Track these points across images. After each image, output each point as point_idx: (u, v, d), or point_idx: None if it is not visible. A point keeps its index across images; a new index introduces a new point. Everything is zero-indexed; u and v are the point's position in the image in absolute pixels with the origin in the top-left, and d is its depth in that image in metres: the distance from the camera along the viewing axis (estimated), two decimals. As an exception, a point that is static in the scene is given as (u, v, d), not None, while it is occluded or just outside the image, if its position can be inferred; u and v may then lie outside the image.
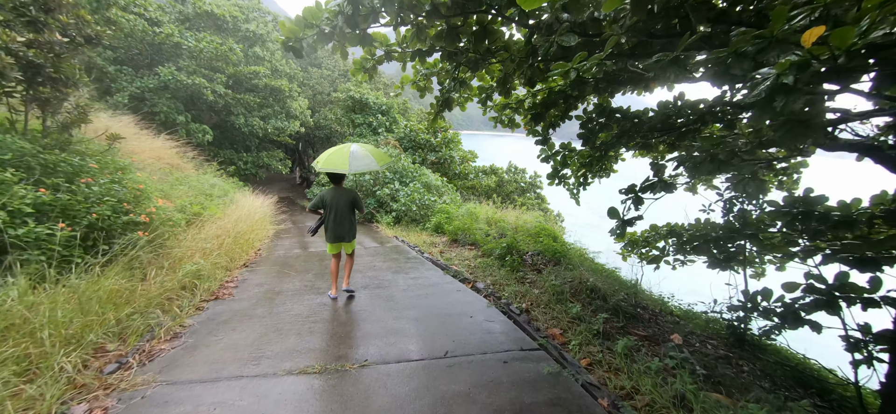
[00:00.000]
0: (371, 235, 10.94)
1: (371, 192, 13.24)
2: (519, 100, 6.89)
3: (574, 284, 6.44)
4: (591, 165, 6.51)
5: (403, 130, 19.37)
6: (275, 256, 7.96)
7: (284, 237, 10.40)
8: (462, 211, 11.74)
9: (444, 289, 5.90)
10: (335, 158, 4.93)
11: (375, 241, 9.96)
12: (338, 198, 5.10)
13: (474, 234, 9.57)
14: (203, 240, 6.49)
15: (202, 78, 17.57)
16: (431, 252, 8.65)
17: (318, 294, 5.43)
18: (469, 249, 9.01)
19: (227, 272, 6.23)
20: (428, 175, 13.71)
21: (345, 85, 22.07)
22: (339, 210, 5.09)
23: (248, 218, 9.59)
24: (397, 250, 8.74)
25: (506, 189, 21.35)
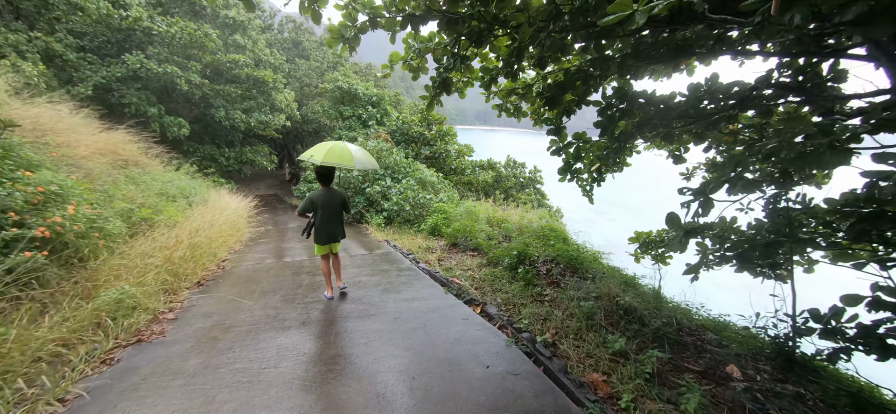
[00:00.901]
0: (359, 238, 9.57)
1: (360, 190, 11.86)
2: (526, 84, 6.05)
3: (603, 303, 5.17)
4: (607, 159, 5.63)
5: (395, 123, 17.96)
6: (241, 269, 6.57)
7: (260, 243, 9.00)
8: (460, 210, 10.43)
9: (447, 315, 4.59)
10: (337, 152, 4.73)
11: (364, 246, 8.60)
12: (328, 199, 4.87)
13: (476, 237, 8.26)
14: (143, 254, 5.10)
15: (175, 66, 15.97)
16: (428, 261, 7.32)
17: (282, 330, 4.07)
18: (471, 255, 7.70)
19: (171, 297, 4.84)
20: (422, 171, 12.36)
21: (332, 74, 20.56)
22: (330, 211, 4.88)
23: (218, 222, 8.19)
24: (388, 259, 7.40)
25: (504, 184, 20.07)
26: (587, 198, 5.91)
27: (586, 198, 5.94)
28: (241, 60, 18.58)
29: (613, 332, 4.33)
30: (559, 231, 9.95)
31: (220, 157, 20.45)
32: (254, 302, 4.90)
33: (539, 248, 7.67)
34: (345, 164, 4.72)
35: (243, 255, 7.66)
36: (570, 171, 5.92)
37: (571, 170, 5.89)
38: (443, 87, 5.50)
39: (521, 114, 6.44)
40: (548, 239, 8.93)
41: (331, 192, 4.91)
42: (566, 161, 5.79)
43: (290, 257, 7.54)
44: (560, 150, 5.79)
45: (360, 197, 11.75)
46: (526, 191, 20.35)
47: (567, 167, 5.85)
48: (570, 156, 5.74)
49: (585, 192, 5.96)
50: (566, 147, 5.76)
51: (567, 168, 5.87)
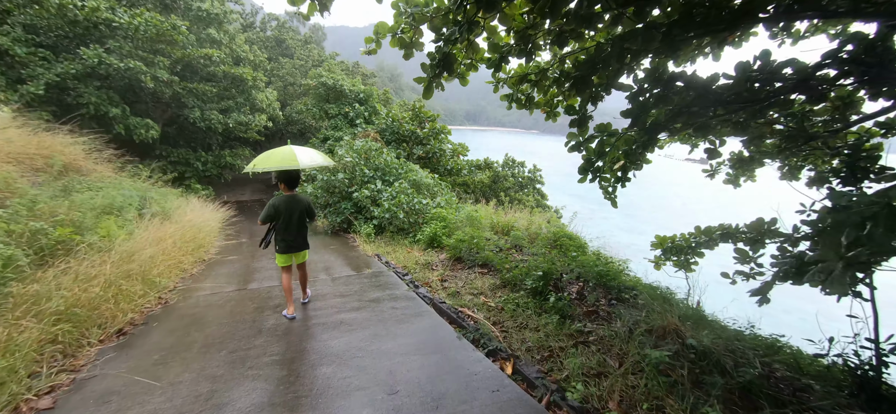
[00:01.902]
0: (345, 253, 8.05)
1: (346, 194, 10.33)
2: (540, 69, 5.15)
3: (668, 343, 3.79)
4: (634, 154, 4.63)
5: (385, 121, 16.41)
6: (188, 303, 5.02)
7: (226, 263, 7.42)
8: (461, 216, 8.99)
9: (468, 382, 3.12)
10: (279, 156, 4.56)
11: (350, 264, 7.08)
12: (291, 205, 4.51)
13: (483, 249, 6.83)
14: (34, 297, 3.54)
15: (140, 62, 14.21)
16: (429, 282, 5.86)
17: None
18: (480, 273, 6.26)
19: (65, 361, 3.29)
20: (416, 172, 10.87)
21: (316, 70, 18.92)
22: (293, 218, 4.53)
23: (171, 238, 6.61)
24: (380, 282, 5.91)
25: (502, 185, 18.69)
26: (610, 200, 4.91)
27: (609, 200, 4.93)
28: (215, 56, 16.86)
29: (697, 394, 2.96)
30: (574, 238, 8.62)
31: (196, 162, 18.68)
32: (189, 364, 3.37)
33: (558, 260, 6.31)
34: (289, 165, 4.45)
35: (200, 280, 6.09)
36: (592, 170, 4.89)
37: (593, 168, 4.87)
38: (443, 65, 4.21)
39: (534, 105, 5.55)
40: (565, 249, 7.58)
41: (294, 198, 4.56)
42: (587, 158, 4.75)
43: (258, 282, 6.00)
44: (580, 146, 4.74)
45: (347, 203, 10.22)
46: (524, 191, 19.00)
47: (588, 165, 4.82)
48: (591, 152, 4.71)
49: (607, 195, 4.98)
50: (587, 142, 4.73)
51: (588, 166, 4.84)
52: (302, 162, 4.54)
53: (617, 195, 4.89)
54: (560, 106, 5.36)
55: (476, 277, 6.16)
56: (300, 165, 4.50)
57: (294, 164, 4.46)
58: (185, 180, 18.55)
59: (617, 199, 4.86)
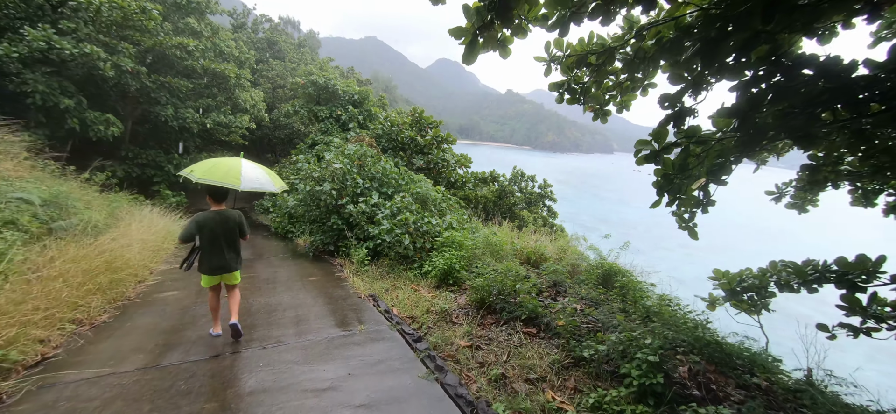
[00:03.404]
0: (328, 290, 5.85)
1: (334, 207, 8.17)
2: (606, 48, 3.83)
3: None
4: (722, 168, 3.28)
5: (382, 126, 14.34)
6: (42, 403, 2.81)
7: (153, 305, 5.14)
8: (478, 241, 6.92)
9: None
10: (223, 169, 3.97)
11: (333, 313, 4.90)
12: (218, 222, 3.89)
13: (520, 292, 4.77)
14: None
15: (99, 47, 11.98)
16: (455, 355, 3.74)
17: None
18: (525, 333, 4.17)
19: None
20: (421, 183, 8.77)
21: (306, 67, 16.83)
22: (219, 236, 3.89)
23: (79, 265, 4.41)
24: (380, 355, 3.75)
25: (508, 201, 16.68)
26: (687, 230, 3.70)
27: (685, 230, 3.72)
28: (191, 46, 14.67)
29: None
30: (625, 274, 6.66)
31: (167, 165, 16.32)
32: None
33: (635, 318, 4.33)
34: (228, 182, 3.86)
35: (94, 343, 3.86)
36: (671, 191, 3.59)
37: (671, 187, 3.56)
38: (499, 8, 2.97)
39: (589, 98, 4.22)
40: (624, 291, 5.60)
41: (222, 214, 3.93)
42: (664, 173, 3.46)
43: (187, 347, 3.79)
44: (656, 156, 3.47)
45: (335, 218, 8.05)
46: (533, 208, 17.02)
47: (667, 182, 3.51)
48: (670, 165, 3.41)
49: (684, 223, 3.72)
50: (664, 151, 3.41)
51: (667, 184, 3.52)
52: (246, 183, 3.94)
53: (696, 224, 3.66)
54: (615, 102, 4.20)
55: (521, 340, 4.05)
56: (241, 186, 3.88)
57: (235, 183, 3.87)
58: (155, 185, 16.18)
59: (696, 228, 3.66)
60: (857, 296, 3.19)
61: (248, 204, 19.92)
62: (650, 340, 3.20)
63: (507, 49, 3.56)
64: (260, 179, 4.15)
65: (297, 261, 7.88)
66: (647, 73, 4.37)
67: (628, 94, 4.12)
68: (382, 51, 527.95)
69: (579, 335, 3.98)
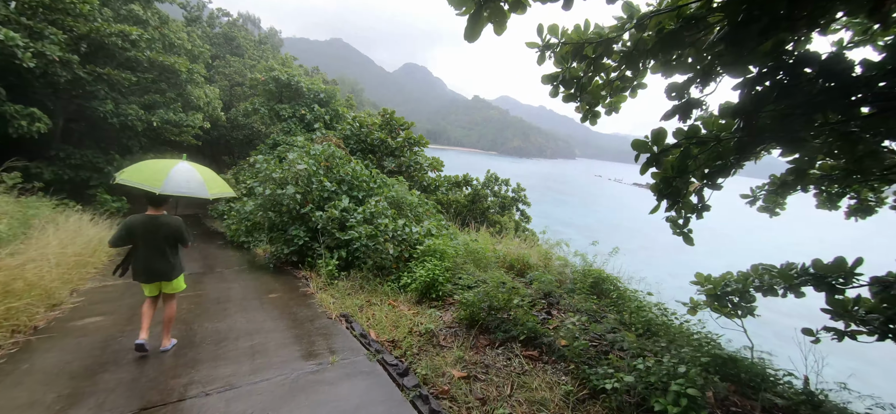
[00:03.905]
0: (291, 309, 5.02)
1: (297, 214, 7.29)
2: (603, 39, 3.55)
3: None
4: (720, 171, 3.15)
5: (350, 127, 13.48)
6: None
7: (66, 337, 4.12)
8: (460, 249, 6.34)
9: None
10: (150, 170, 3.75)
11: (298, 339, 4.11)
12: (151, 228, 3.65)
13: (513, 306, 4.21)
14: None
15: (18, 31, 10.36)
16: (448, 389, 3.09)
17: None
18: (526, 356, 3.61)
19: None
20: (394, 187, 8.07)
21: (266, 63, 15.63)
22: (153, 243, 3.66)
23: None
24: (360, 398, 3.04)
25: (481, 205, 16.24)
26: (681, 236, 3.49)
27: (680, 236, 3.51)
28: (134, 35, 13.16)
29: None
30: (613, 281, 6.34)
31: (106, 167, 14.55)
32: None
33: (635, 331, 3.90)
34: (146, 185, 3.53)
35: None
36: (670, 194, 3.33)
37: (671, 191, 3.31)
38: None
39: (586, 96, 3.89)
40: (628, 308, 5.19)
41: (156, 220, 3.68)
42: (664, 176, 3.21)
43: (97, 401, 2.91)
44: (656, 159, 3.19)
45: (297, 228, 7.17)
46: (506, 212, 16.67)
47: (666, 186, 3.26)
48: (669, 168, 3.11)
49: (678, 229, 3.52)
50: (664, 153, 3.13)
51: (666, 187, 3.27)
52: (168, 186, 3.60)
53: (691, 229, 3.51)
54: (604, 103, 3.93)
55: (523, 366, 3.48)
56: (161, 190, 3.55)
57: (153, 185, 3.55)
58: (91, 188, 14.36)
59: (691, 234, 3.50)
60: (840, 298, 3.11)
61: (201, 210, 18.29)
62: (685, 369, 2.70)
63: (504, 24, 2.94)
64: (190, 184, 3.75)
65: (255, 274, 6.94)
66: (638, 73, 4.02)
67: (618, 95, 3.88)
68: (348, 54, 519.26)
69: (589, 359, 3.45)
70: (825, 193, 3.91)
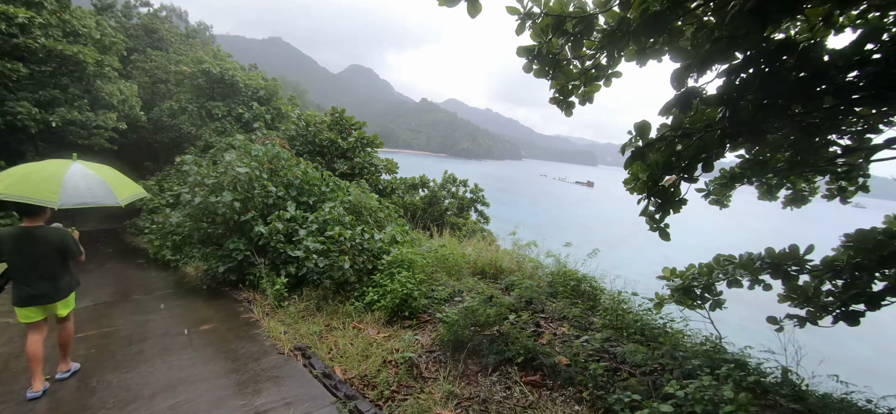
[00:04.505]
0: (231, 347, 4.04)
1: (236, 224, 6.20)
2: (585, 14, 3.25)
3: None
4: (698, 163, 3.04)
5: (296, 126, 12.28)
6: None
7: None
8: (426, 253, 5.69)
9: None
10: (38, 178, 3.05)
11: (242, 396, 3.20)
12: (29, 242, 3.08)
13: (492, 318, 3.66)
14: None
15: None
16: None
17: None
18: (526, 381, 3.04)
19: None
20: (353, 190, 7.21)
21: (194, 55, 13.86)
22: (33, 261, 3.11)
23: None
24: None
25: (439, 207, 15.69)
26: (658, 231, 3.28)
27: (656, 231, 3.31)
28: (22, 17, 10.95)
29: None
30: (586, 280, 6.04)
31: (-11, 177, 11.98)
32: None
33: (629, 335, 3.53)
34: (41, 198, 2.91)
35: None
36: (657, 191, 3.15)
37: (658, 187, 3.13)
38: None
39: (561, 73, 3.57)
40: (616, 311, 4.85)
41: (35, 232, 3.10)
42: (652, 169, 3.04)
43: None
44: (641, 154, 2.96)
45: (236, 240, 6.08)
46: (464, 214, 16.24)
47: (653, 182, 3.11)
48: (658, 162, 2.94)
49: (655, 225, 3.30)
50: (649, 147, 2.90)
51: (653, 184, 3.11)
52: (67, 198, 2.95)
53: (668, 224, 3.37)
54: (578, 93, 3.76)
55: (525, 395, 2.91)
56: (61, 204, 2.91)
57: (50, 198, 2.88)
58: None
59: (668, 230, 3.35)
60: (800, 285, 3.16)
61: (118, 223, 15.84)
62: (729, 392, 2.27)
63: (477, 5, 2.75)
64: (93, 191, 3.24)
65: (184, 299, 5.76)
66: (613, 60, 3.79)
67: (592, 85, 3.69)
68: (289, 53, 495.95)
69: (602, 381, 2.96)
70: (766, 185, 3.94)
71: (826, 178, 3.86)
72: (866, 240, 2.91)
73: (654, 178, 3.17)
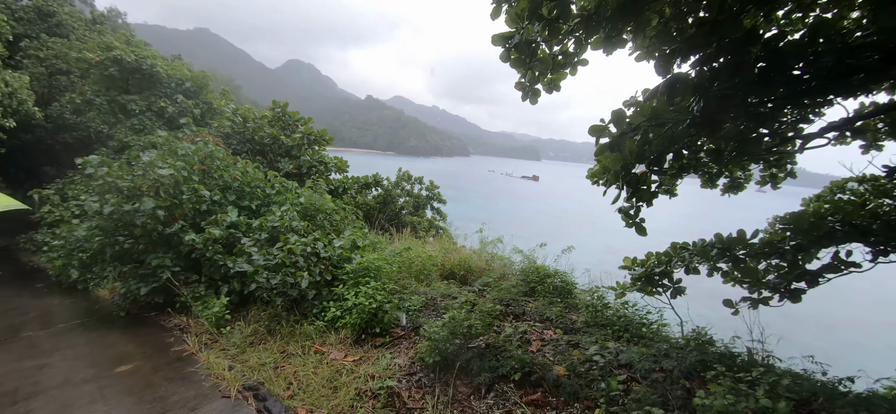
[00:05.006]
0: (159, 394, 3.22)
1: (161, 238, 5.21)
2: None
3: None
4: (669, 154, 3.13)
5: (231, 122, 11.02)
6: None
7: None
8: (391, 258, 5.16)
9: None
10: None
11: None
12: None
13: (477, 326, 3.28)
14: None
15: None
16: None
17: None
18: (527, 402, 2.66)
19: None
20: (304, 192, 6.43)
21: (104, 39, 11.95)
22: None
23: None
24: None
25: (394, 206, 15.06)
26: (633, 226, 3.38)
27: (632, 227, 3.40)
28: None
29: None
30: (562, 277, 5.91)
31: None
32: None
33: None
34: None
35: None
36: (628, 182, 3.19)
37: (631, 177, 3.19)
38: None
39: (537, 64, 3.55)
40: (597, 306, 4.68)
41: None
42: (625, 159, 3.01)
43: None
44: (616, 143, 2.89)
45: (161, 255, 5.10)
46: (420, 212, 15.73)
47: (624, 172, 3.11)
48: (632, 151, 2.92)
49: (630, 220, 3.42)
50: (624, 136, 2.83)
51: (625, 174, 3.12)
52: None
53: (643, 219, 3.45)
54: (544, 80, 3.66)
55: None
56: None
57: None
58: None
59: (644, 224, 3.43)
60: (751, 267, 3.23)
61: (11, 239, 13.32)
62: (767, 400, 2.03)
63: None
64: None
65: (94, 332, 4.70)
66: (581, 47, 3.60)
67: (559, 73, 3.66)
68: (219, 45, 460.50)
69: (611, 393, 2.65)
70: (707, 174, 4.08)
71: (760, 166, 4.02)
72: (801, 221, 3.03)
73: (628, 168, 3.12)
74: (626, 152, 2.93)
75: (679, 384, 2.70)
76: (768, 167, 3.95)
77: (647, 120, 2.85)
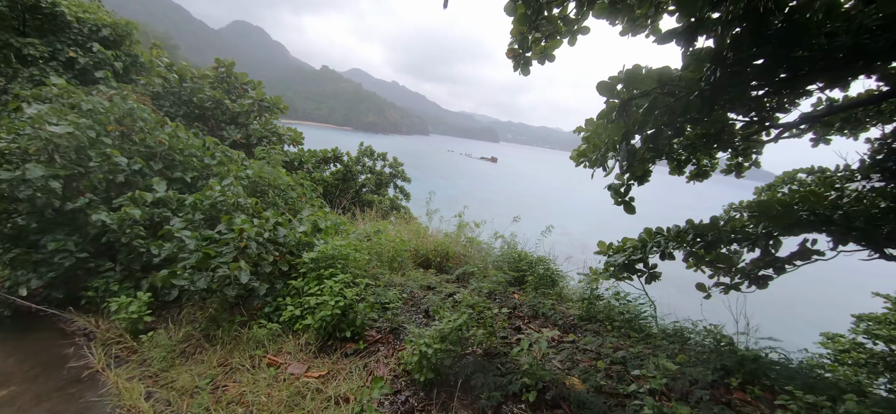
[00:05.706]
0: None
1: (59, 214, 4.05)
2: None
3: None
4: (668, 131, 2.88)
5: (163, 80, 9.45)
6: None
7: None
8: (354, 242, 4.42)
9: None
10: None
11: None
12: None
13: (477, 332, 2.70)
14: None
15: None
16: None
17: None
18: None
19: None
20: (253, 163, 5.42)
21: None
22: None
23: None
24: None
25: (354, 183, 14.05)
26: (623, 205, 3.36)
27: (621, 205, 3.38)
28: None
29: None
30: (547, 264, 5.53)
31: None
32: None
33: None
34: None
35: None
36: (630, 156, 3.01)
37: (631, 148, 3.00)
38: None
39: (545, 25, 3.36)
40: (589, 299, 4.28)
41: None
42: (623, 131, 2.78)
43: None
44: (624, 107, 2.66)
45: (60, 237, 3.99)
46: (382, 190, 14.83)
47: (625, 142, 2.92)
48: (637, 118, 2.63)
49: (620, 198, 3.37)
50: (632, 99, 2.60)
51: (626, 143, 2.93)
52: None
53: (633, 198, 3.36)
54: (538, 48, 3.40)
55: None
56: None
57: None
58: None
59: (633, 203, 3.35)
60: (725, 253, 3.24)
61: None
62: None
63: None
64: None
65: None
66: (582, 13, 3.34)
67: (553, 41, 3.45)
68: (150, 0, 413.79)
69: None
70: (676, 161, 4.07)
71: (728, 154, 3.98)
72: (769, 208, 2.96)
73: (628, 137, 2.86)
74: (631, 120, 2.63)
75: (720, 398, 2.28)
76: (735, 156, 3.94)
77: (658, 84, 2.50)
